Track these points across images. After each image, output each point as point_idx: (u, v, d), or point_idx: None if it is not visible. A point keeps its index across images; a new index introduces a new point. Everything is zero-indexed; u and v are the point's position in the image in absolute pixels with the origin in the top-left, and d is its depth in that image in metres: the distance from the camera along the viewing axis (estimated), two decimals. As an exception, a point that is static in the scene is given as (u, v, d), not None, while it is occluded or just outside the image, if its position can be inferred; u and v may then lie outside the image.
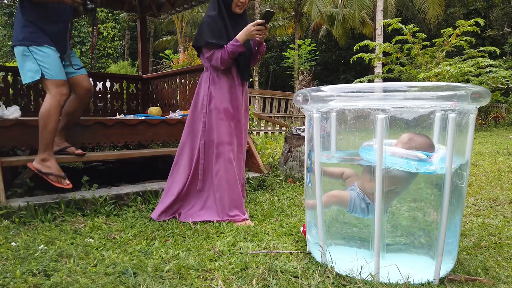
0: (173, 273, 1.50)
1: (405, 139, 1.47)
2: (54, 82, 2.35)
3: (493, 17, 20.66)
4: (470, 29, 9.73)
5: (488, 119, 13.23)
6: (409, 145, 1.45)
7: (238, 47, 2.19)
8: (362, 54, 10.66)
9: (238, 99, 2.37)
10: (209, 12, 2.31)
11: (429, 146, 1.45)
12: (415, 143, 1.45)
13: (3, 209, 2.14)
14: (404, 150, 1.43)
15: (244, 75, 2.39)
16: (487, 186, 3.19)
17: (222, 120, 2.30)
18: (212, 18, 2.25)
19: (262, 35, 2.21)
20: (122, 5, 4.81)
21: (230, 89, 2.34)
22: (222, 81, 2.31)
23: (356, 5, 15.97)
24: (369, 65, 12.96)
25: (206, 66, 2.35)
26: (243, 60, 2.34)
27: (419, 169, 1.40)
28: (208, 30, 2.23)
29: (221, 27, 2.26)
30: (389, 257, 1.47)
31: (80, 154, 2.64)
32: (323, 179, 1.56)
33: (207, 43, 2.23)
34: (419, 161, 1.40)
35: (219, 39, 2.23)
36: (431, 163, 1.39)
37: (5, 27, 17.43)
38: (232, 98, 2.34)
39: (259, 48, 2.37)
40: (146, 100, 4.90)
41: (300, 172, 3.49)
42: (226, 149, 2.29)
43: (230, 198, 2.27)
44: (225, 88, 2.31)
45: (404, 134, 1.48)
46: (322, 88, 1.50)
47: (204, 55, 2.31)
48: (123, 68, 15.75)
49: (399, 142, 1.49)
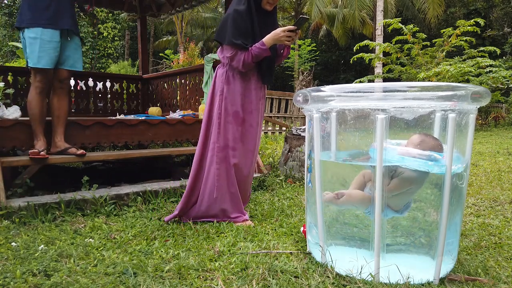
0: (173, 273, 1.50)
1: (416, 141, 1.46)
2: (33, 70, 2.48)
3: (493, 17, 20.66)
4: (470, 29, 9.73)
5: (488, 119, 13.24)
6: (422, 147, 1.45)
7: (264, 51, 2.06)
8: (362, 54, 10.66)
9: (253, 102, 2.24)
10: (236, 5, 2.11)
11: (440, 147, 1.45)
12: (427, 144, 1.45)
13: (3, 209, 2.14)
14: (420, 151, 1.43)
15: (265, 78, 2.27)
16: (487, 186, 3.19)
17: (229, 124, 2.19)
18: (240, 14, 2.07)
19: (291, 41, 2.07)
20: (122, 5, 4.81)
21: (244, 92, 2.21)
22: (236, 82, 2.18)
23: (356, 5, 15.97)
24: (369, 65, 12.97)
25: (224, 62, 2.21)
26: (266, 64, 2.21)
27: (439, 169, 1.39)
28: (234, 27, 2.06)
29: (249, 25, 2.09)
30: (389, 257, 1.47)
31: (80, 155, 2.64)
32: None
33: (231, 43, 2.07)
34: (436, 161, 1.40)
35: (245, 39, 2.07)
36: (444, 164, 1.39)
37: (5, 27, 17.42)
38: (246, 101, 2.22)
39: (284, 51, 2.25)
40: (146, 100, 4.90)
41: (300, 172, 3.49)
42: (229, 154, 2.21)
43: (232, 202, 2.24)
44: (238, 91, 2.19)
45: (414, 135, 1.47)
46: (322, 88, 1.50)
47: (224, 52, 2.15)
48: (123, 68, 15.76)
49: (409, 143, 1.48)
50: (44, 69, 2.47)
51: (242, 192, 2.32)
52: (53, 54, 2.48)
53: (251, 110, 2.24)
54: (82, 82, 4.48)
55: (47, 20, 2.44)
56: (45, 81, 2.52)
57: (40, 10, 2.43)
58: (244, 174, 2.30)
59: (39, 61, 2.42)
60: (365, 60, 10.97)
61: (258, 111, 2.28)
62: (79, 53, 2.70)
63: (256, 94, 2.25)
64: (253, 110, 2.25)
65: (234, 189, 2.24)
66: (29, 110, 2.51)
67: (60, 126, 2.63)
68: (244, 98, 2.21)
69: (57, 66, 2.56)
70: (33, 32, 2.41)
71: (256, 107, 2.26)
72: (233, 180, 2.23)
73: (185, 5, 4.64)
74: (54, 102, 2.62)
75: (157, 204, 2.57)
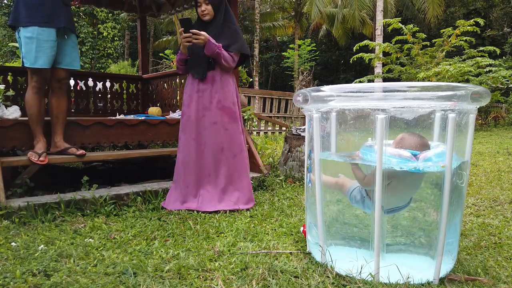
0: (173, 273, 1.50)
1: (397, 139, 1.49)
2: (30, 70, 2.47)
3: (493, 17, 20.66)
4: (470, 29, 9.73)
5: (488, 119, 13.24)
6: (399, 145, 1.46)
7: (180, 54, 2.57)
8: (362, 54, 10.66)
9: (191, 96, 2.62)
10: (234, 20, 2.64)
11: (420, 145, 1.45)
12: (404, 142, 1.46)
13: (3, 209, 2.14)
14: (392, 150, 1.44)
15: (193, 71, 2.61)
16: (487, 186, 3.19)
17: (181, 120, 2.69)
18: None
19: (190, 41, 2.42)
20: (122, 5, 4.81)
21: (187, 89, 2.67)
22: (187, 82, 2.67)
23: (356, 5, 15.97)
24: (369, 65, 12.97)
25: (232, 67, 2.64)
26: (191, 62, 2.60)
27: (402, 167, 1.40)
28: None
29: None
30: (389, 257, 1.47)
31: (80, 155, 2.64)
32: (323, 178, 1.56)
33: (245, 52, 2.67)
34: (400, 159, 1.40)
35: None
36: (413, 161, 1.40)
37: (5, 27, 17.41)
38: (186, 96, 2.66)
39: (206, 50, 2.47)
40: (146, 100, 4.90)
41: (300, 172, 3.49)
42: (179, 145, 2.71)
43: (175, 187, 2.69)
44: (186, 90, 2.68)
45: (400, 134, 1.49)
46: (322, 88, 1.50)
47: (235, 59, 2.59)
48: (123, 68, 15.74)
49: (393, 142, 1.50)
50: (41, 69, 2.44)
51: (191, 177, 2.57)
52: (50, 54, 2.45)
53: (188, 103, 2.59)
54: (82, 82, 4.48)
55: (43, 18, 2.40)
56: (42, 81, 2.50)
57: (35, 8, 2.39)
58: (188, 161, 2.57)
59: (36, 61, 2.40)
60: (365, 60, 10.97)
61: (197, 103, 2.57)
62: (76, 51, 2.67)
63: (192, 87, 2.59)
64: (190, 103, 2.58)
65: (176, 176, 2.63)
66: (27, 110, 2.49)
67: (59, 126, 2.62)
68: (186, 94, 2.63)
69: (54, 65, 2.53)
70: (29, 32, 2.38)
71: (194, 99, 2.57)
72: (178, 170, 2.62)
73: (185, 5, 4.63)
74: (53, 102, 2.60)
75: (157, 204, 2.57)
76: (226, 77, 2.60)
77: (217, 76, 2.56)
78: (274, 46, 25.36)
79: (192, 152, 2.56)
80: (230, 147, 2.58)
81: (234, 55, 2.57)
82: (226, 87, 2.59)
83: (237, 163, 2.60)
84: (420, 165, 1.39)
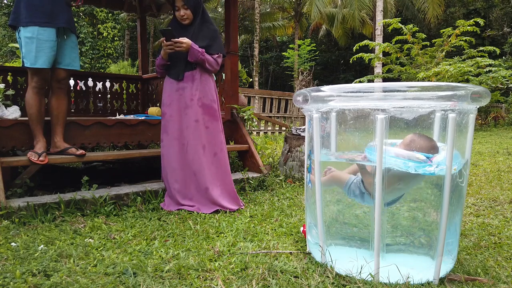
0: (173, 273, 1.50)
1: (407, 141, 1.47)
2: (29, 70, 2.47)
3: (493, 17, 20.66)
4: (470, 29, 9.73)
5: (488, 119, 13.25)
6: (410, 147, 1.45)
7: (160, 59, 2.63)
8: (362, 54, 10.66)
9: (171, 96, 2.65)
10: (211, 19, 2.69)
11: (431, 148, 1.45)
12: (416, 144, 1.45)
13: (3, 209, 2.14)
14: (406, 151, 1.43)
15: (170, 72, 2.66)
16: (487, 186, 3.19)
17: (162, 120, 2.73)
18: None
19: (172, 49, 2.49)
20: (122, 5, 4.80)
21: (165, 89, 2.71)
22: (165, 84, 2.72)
23: (356, 5, 15.97)
24: (369, 65, 12.96)
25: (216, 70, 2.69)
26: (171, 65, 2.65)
27: (418, 170, 1.40)
28: None
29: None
30: (389, 257, 1.47)
31: (80, 155, 2.63)
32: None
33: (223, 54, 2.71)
34: (417, 163, 1.40)
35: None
36: (429, 165, 1.39)
37: (5, 27, 17.41)
38: (165, 96, 2.69)
39: (189, 57, 2.53)
40: (146, 100, 4.90)
41: (300, 172, 3.49)
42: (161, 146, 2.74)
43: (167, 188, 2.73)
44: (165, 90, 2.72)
45: (408, 135, 1.48)
46: (322, 88, 1.50)
47: (219, 62, 2.64)
48: (123, 68, 15.73)
49: (401, 143, 1.49)
50: (41, 69, 2.44)
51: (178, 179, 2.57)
52: (50, 54, 2.44)
53: (169, 102, 2.61)
54: (81, 82, 4.48)
55: (43, 18, 2.40)
56: (42, 81, 2.50)
57: (35, 8, 2.39)
58: (172, 161, 2.58)
59: (36, 61, 2.40)
60: (364, 60, 10.97)
61: (178, 101, 2.59)
62: (76, 51, 2.66)
63: (171, 87, 2.62)
64: (171, 102, 2.60)
65: (165, 181, 2.66)
66: (27, 110, 2.49)
67: (59, 126, 2.62)
68: (165, 94, 2.65)
69: (54, 65, 2.53)
70: (29, 32, 2.38)
71: (175, 98, 2.59)
72: (165, 173, 2.63)
73: (184, 5, 4.63)
74: (53, 102, 2.60)
75: (157, 204, 2.57)
76: (206, 76, 2.63)
77: (197, 74, 2.59)
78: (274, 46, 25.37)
79: (175, 153, 2.58)
80: (211, 146, 2.59)
81: (218, 57, 2.62)
82: (207, 85, 2.62)
83: (217, 161, 2.61)
84: (436, 169, 1.39)
